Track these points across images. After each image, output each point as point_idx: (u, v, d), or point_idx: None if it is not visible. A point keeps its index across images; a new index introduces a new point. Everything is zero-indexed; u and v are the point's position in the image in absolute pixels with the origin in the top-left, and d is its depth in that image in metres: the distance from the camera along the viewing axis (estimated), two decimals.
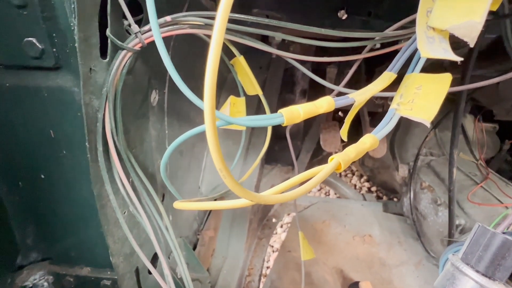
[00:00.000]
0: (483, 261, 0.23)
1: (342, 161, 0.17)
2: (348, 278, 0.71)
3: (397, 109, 0.20)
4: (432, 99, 0.18)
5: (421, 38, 0.17)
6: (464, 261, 0.24)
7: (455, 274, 0.24)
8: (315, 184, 0.15)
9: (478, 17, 0.15)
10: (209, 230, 0.71)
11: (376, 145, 0.19)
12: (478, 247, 0.23)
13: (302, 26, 0.30)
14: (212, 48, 0.11)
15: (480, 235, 0.23)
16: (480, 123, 0.85)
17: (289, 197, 0.15)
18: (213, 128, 0.12)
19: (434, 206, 0.71)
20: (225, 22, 0.11)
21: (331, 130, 0.78)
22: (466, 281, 0.23)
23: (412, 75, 0.20)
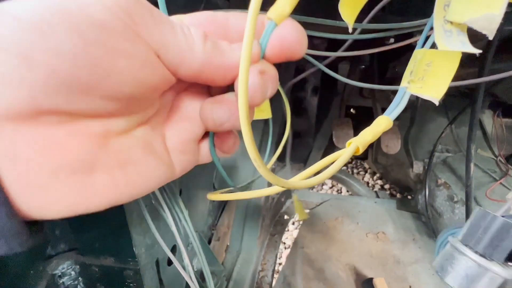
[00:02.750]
0: (482, 243, 0.23)
1: (360, 144, 0.17)
2: (362, 274, 0.71)
3: (407, 87, 0.20)
4: (442, 77, 0.18)
5: (439, 32, 0.17)
6: (463, 243, 0.24)
7: (454, 255, 0.24)
8: (336, 170, 0.16)
9: (497, 10, 0.15)
10: (223, 226, 0.73)
11: (390, 125, 0.19)
12: (477, 229, 0.23)
13: (316, 19, 0.30)
14: (244, 45, 0.12)
15: (480, 218, 0.24)
16: (500, 119, 0.83)
17: (316, 181, 0.15)
18: (247, 120, 0.13)
19: (451, 203, 0.70)
20: (255, 22, 0.12)
21: (344, 127, 0.78)
22: (465, 261, 0.23)
23: (422, 50, 0.19)
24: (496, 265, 0.23)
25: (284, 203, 0.96)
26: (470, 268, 0.24)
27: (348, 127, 0.79)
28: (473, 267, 0.24)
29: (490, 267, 0.23)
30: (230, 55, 0.15)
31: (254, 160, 0.13)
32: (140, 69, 0.13)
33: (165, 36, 0.13)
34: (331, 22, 0.29)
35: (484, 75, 0.42)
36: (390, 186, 1.23)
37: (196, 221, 0.57)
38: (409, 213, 0.87)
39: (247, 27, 0.12)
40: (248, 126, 0.13)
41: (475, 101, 0.46)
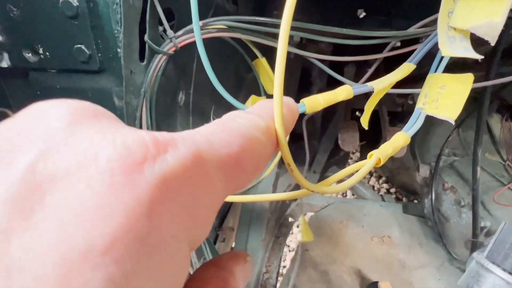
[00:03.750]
0: (510, 259, 0.23)
1: (381, 156, 0.18)
2: (367, 278, 0.71)
3: (423, 108, 0.21)
4: (456, 98, 0.19)
5: (442, 37, 0.18)
6: (489, 259, 0.24)
7: (480, 272, 0.24)
8: (360, 178, 0.17)
9: (498, 17, 0.16)
10: (228, 227, 0.73)
11: (408, 141, 0.20)
12: (504, 245, 0.23)
13: (323, 27, 0.31)
14: (279, 53, 0.13)
15: (506, 234, 0.23)
16: (508, 122, 0.82)
17: (340, 188, 0.17)
18: (282, 127, 0.14)
19: (457, 208, 0.70)
20: (288, 33, 0.13)
21: (350, 130, 0.78)
22: (492, 278, 0.23)
23: (435, 75, 0.21)
24: None
25: (289, 205, 0.97)
26: (498, 286, 0.23)
27: (354, 130, 0.79)
28: (501, 285, 0.23)
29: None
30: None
31: (287, 164, 0.14)
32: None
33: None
34: (337, 30, 0.30)
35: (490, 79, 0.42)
36: (396, 189, 1.22)
37: None
38: (415, 217, 0.86)
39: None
40: (282, 130, 0.14)
41: (481, 105, 0.46)
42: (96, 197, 0.08)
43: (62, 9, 0.25)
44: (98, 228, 0.08)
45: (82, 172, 0.08)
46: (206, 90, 0.44)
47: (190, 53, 0.40)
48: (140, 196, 0.08)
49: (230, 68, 0.54)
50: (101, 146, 0.09)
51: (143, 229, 0.08)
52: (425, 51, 0.25)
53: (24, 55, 0.27)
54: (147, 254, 0.08)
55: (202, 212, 0.11)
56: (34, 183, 0.08)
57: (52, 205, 0.08)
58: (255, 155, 0.13)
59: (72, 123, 0.09)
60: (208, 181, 0.11)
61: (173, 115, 0.38)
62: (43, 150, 0.08)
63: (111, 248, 0.08)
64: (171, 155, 0.10)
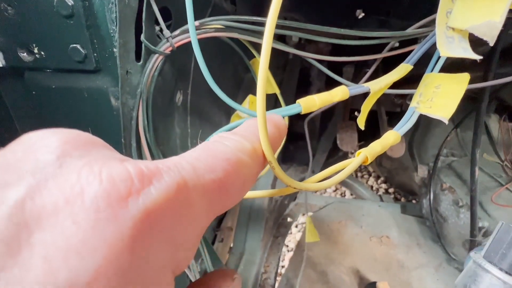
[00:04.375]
0: (507, 259, 0.22)
1: (369, 155, 0.18)
2: (365, 278, 0.71)
3: (417, 107, 0.21)
4: (451, 97, 0.19)
5: (441, 38, 0.18)
6: (486, 259, 0.24)
7: (477, 272, 0.24)
8: (346, 175, 0.17)
9: (497, 17, 0.16)
10: (226, 227, 0.73)
11: (398, 140, 0.20)
12: (501, 245, 0.23)
13: (321, 27, 0.31)
14: (262, 54, 0.13)
15: (503, 233, 0.23)
16: (506, 123, 0.82)
17: (325, 186, 0.16)
18: (264, 125, 0.14)
19: (456, 208, 0.70)
20: (273, 31, 0.13)
21: (348, 130, 0.78)
22: (489, 278, 0.23)
23: (431, 74, 0.21)
24: None
25: (288, 205, 0.96)
26: (495, 286, 0.23)
27: (352, 130, 0.79)
28: (498, 285, 0.23)
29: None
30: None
31: (269, 162, 0.14)
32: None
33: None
34: (335, 30, 0.29)
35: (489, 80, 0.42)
36: (394, 190, 1.22)
37: None
38: (413, 217, 0.86)
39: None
40: (264, 127, 0.14)
41: (479, 106, 0.46)
42: (80, 234, 0.08)
43: (57, 8, 0.24)
44: (81, 263, 0.08)
45: (69, 208, 0.09)
46: (205, 90, 0.44)
47: (188, 52, 0.40)
48: (123, 231, 0.09)
49: (228, 68, 0.54)
50: (87, 181, 0.09)
51: (125, 262, 0.09)
52: (422, 51, 0.25)
53: (19, 54, 0.27)
54: (131, 285, 0.09)
55: (186, 239, 0.11)
56: (22, 221, 0.08)
57: (39, 242, 0.08)
58: (240, 178, 0.13)
59: (61, 155, 0.10)
60: (192, 210, 0.11)
61: (170, 115, 0.38)
62: (32, 185, 0.09)
63: (94, 283, 0.08)
64: (155, 187, 0.10)
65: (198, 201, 0.11)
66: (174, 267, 0.11)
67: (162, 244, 0.10)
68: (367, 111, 0.26)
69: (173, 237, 0.10)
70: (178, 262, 0.11)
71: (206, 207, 0.12)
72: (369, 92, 0.23)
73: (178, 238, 0.11)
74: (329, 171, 0.18)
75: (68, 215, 0.09)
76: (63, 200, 0.09)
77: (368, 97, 0.25)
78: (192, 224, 0.11)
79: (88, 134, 0.12)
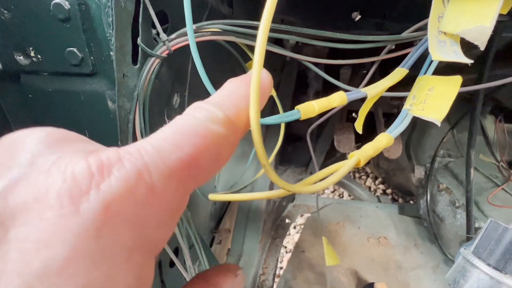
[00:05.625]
0: (494, 255, 0.23)
1: (362, 158, 0.18)
2: (363, 279, 0.71)
3: (409, 110, 0.21)
4: (444, 100, 0.19)
5: (433, 42, 0.18)
6: (475, 255, 0.24)
7: (466, 267, 0.24)
8: (338, 178, 0.17)
9: (487, 23, 0.16)
10: (224, 229, 0.73)
11: (391, 142, 0.20)
12: (489, 241, 0.23)
13: (316, 31, 0.31)
14: (256, 58, 0.13)
15: (491, 230, 0.24)
16: (502, 124, 0.83)
17: (318, 188, 0.16)
18: (257, 127, 0.14)
19: (452, 209, 0.70)
20: (266, 36, 0.13)
21: (345, 131, 0.79)
22: (477, 273, 0.23)
23: (424, 77, 0.21)
24: (509, 278, 0.23)
25: (286, 207, 0.97)
26: (482, 280, 0.23)
27: (349, 132, 0.79)
28: (485, 280, 0.23)
29: (503, 280, 0.23)
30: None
31: (263, 165, 0.14)
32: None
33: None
34: (330, 34, 0.30)
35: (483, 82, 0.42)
36: (392, 190, 1.23)
37: (198, 224, 0.58)
38: (411, 218, 0.87)
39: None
40: (258, 132, 0.14)
41: (474, 108, 0.46)
42: (48, 228, 0.10)
43: (54, 12, 0.24)
44: (51, 254, 0.09)
45: (37, 206, 0.10)
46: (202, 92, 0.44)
47: (185, 55, 0.40)
48: (86, 223, 0.10)
49: (226, 70, 0.54)
50: (53, 179, 0.10)
51: (91, 248, 0.10)
52: (417, 55, 0.25)
53: (15, 57, 0.27)
54: (98, 267, 0.10)
55: (153, 220, 0.12)
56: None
57: (14, 238, 0.10)
58: (212, 150, 0.13)
59: (35, 154, 0.11)
60: (155, 193, 0.11)
61: (167, 118, 0.38)
62: (5, 185, 0.10)
63: (64, 268, 0.09)
64: (115, 176, 0.11)
65: (164, 183, 0.12)
66: (146, 248, 0.12)
67: (126, 228, 0.11)
68: (364, 116, 0.26)
69: (136, 220, 0.11)
70: (149, 243, 0.12)
71: (174, 187, 0.12)
72: (366, 96, 0.24)
73: (143, 221, 0.11)
74: (322, 174, 0.18)
75: (37, 212, 0.10)
76: (32, 199, 0.10)
77: (365, 102, 0.25)
78: (158, 206, 0.12)
79: (64, 130, 0.13)
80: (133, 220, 0.11)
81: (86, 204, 0.10)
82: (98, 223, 0.10)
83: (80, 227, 0.10)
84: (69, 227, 0.10)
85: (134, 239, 0.11)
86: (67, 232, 0.10)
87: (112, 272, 0.10)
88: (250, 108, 0.14)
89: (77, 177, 0.10)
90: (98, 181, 0.10)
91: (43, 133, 0.12)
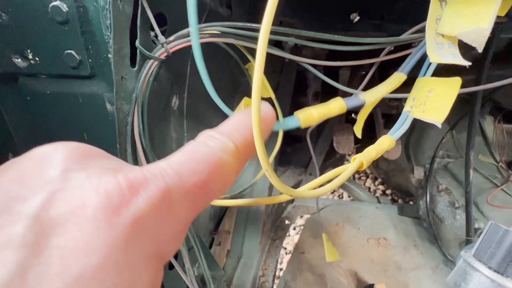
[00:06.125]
0: (495, 258, 0.23)
1: (364, 160, 0.18)
2: (363, 280, 0.71)
3: (410, 112, 0.21)
4: (443, 101, 0.19)
5: (431, 44, 0.18)
6: (476, 258, 0.24)
7: (467, 270, 0.24)
8: (341, 182, 0.17)
9: (485, 24, 0.16)
10: (224, 231, 0.73)
11: (393, 145, 0.20)
12: (490, 244, 0.23)
13: (315, 33, 0.31)
14: (257, 61, 0.13)
15: (492, 233, 0.24)
16: (501, 124, 0.83)
17: (320, 192, 0.17)
18: (260, 134, 0.14)
19: (452, 209, 0.70)
20: (267, 41, 0.13)
21: (345, 133, 0.79)
22: (478, 276, 0.23)
23: (423, 79, 0.21)
24: (510, 281, 0.22)
25: (285, 208, 0.96)
26: (484, 283, 0.23)
27: (348, 133, 0.79)
28: (487, 283, 0.23)
29: (504, 283, 0.22)
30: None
31: (265, 170, 0.15)
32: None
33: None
34: (329, 36, 0.30)
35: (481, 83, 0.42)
36: (391, 191, 1.23)
37: (197, 225, 0.58)
38: (410, 218, 0.87)
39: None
40: (260, 136, 0.14)
41: (473, 109, 0.46)
42: (85, 239, 0.11)
43: (52, 14, 0.24)
44: (87, 260, 0.11)
45: (75, 219, 0.11)
46: (201, 94, 0.44)
47: (184, 57, 0.40)
48: (117, 235, 0.12)
49: (225, 72, 0.54)
50: (88, 196, 0.12)
51: (119, 257, 0.12)
52: (416, 59, 0.25)
53: (13, 60, 0.27)
54: (123, 274, 0.12)
55: (169, 235, 0.13)
56: (40, 229, 0.11)
57: (55, 246, 0.11)
58: (222, 177, 0.15)
59: (64, 170, 0.12)
60: (173, 212, 0.13)
61: (166, 120, 0.38)
62: (44, 199, 0.11)
63: (97, 273, 0.11)
64: (142, 196, 0.12)
65: (180, 203, 0.13)
66: (160, 257, 0.13)
67: (147, 240, 0.13)
68: (363, 120, 0.26)
69: (156, 234, 0.13)
70: (163, 253, 0.14)
71: (188, 207, 0.14)
72: (364, 103, 0.24)
73: (161, 235, 0.13)
74: (325, 178, 0.18)
75: (75, 224, 0.11)
76: (70, 212, 0.11)
77: (363, 108, 0.25)
78: (174, 222, 0.14)
79: (86, 145, 0.14)
80: (154, 234, 0.13)
81: (118, 219, 0.12)
82: (126, 236, 0.12)
83: (112, 239, 0.11)
84: (103, 238, 0.11)
85: (152, 249, 0.13)
86: (101, 242, 0.11)
87: (134, 278, 0.12)
88: (255, 143, 0.14)
89: (110, 194, 0.12)
90: (128, 199, 0.12)
91: (69, 149, 0.13)
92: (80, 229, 0.11)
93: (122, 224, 0.12)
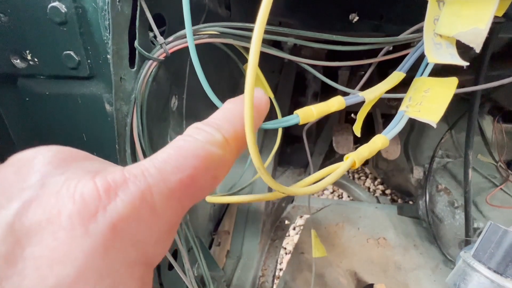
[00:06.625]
0: (495, 258, 0.23)
1: (357, 159, 0.18)
2: (363, 280, 0.71)
3: (406, 111, 0.21)
4: (439, 101, 0.19)
5: (429, 44, 0.18)
6: (475, 258, 0.24)
7: (466, 270, 0.24)
8: (333, 180, 0.17)
9: (483, 25, 0.16)
10: (224, 231, 0.73)
11: (386, 144, 0.20)
12: (489, 244, 0.23)
13: (314, 34, 0.31)
14: (250, 63, 0.13)
15: (491, 233, 0.24)
16: (500, 124, 0.83)
17: (313, 190, 0.16)
18: (252, 132, 0.14)
19: (451, 209, 0.70)
20: (260, 41, 0.13)
21: (344, 133, 0.79)
22: (477, 277, 0.23)
23: (420, 79, 0.21)
24: (509, 281, 0.22)
25: (285, 208, 0.96)
26: (483, 284, 0.23)
27: (348, 133, 0.79)
28: (486, 284, 0.23)
29: (504, 284, 0.22)
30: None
31: (258, 168, 0.14)
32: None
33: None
34: (327, 36, 0.30)
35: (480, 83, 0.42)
36: (391, 191, 1.23)
37: (196, 226, 0.58)
38: (410, 218, 0.87)
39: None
40: (252, 136, 0.14)
41: (471, 109, 0.46)
42: (61, 247, 0.11)
43: (51, 15, 0.24)
44: (64, 270, 0.10)
45: (50, 227, 0.11)
46: (200, 94, 0.44)
47: (183, 58, 0.40)
48: (95, 242, 0.11)
49: (224, 72, 0.54)
50: (63, 203, 0.11)
51: (99, 264, 0.11)
52: (414, 58, 0.25)
53: (12, 61, 0.27)
54: (105, 281, 0.11)
55: (153, 238, 0.13)
56: (15, 239, 0.10)
57: (30, 256, 0.10)
58: (210, 171, 0.14)
59: (44, 175, 0.12)
60: (157, 213, 0.13)
61: (165, 121, 0.38)
62: (19, 207, 0.11)
63: (74, 283, 0.10)
64: (121, 199, 0.12)
65: (164, 203, 0.13)
66: (146, 261, 0.13)
67: (129, 245, 0.12)
68: (362, 119, 0.26)
69: (139, 238, 0.12)
70: (149, 257, 0.13)
71: (173, 206, 0.13)
72: (364, 100, 0.24)
73: (145, 238, 0.12)
74: (318, 176, 0.18)
75: (50, 233, 0.11)
76: (45, 220, 0.11)
77: (363, 106, 0.25)
78: (158, 224, 0.13)
79: (69, 148, 0.14)
80: (135, 238, 0.12)
81: (95, 225, 0.11)
82: (105, 242, 0.11)
83: (89, 247, 0.11)
84: (79, 246, 0.11)
85: (136, 254, 0.12)
86: (78, 251, 0.11)
87: (117, 284, 0.11)
88: (246, 130, 0.14)
89: (86, 200, 0.11)
90: (105, 203, 0.11)
91: (50, 153, 0.13)
92: (55, 237, 0.11)
93: (100, 230, 0.11)
